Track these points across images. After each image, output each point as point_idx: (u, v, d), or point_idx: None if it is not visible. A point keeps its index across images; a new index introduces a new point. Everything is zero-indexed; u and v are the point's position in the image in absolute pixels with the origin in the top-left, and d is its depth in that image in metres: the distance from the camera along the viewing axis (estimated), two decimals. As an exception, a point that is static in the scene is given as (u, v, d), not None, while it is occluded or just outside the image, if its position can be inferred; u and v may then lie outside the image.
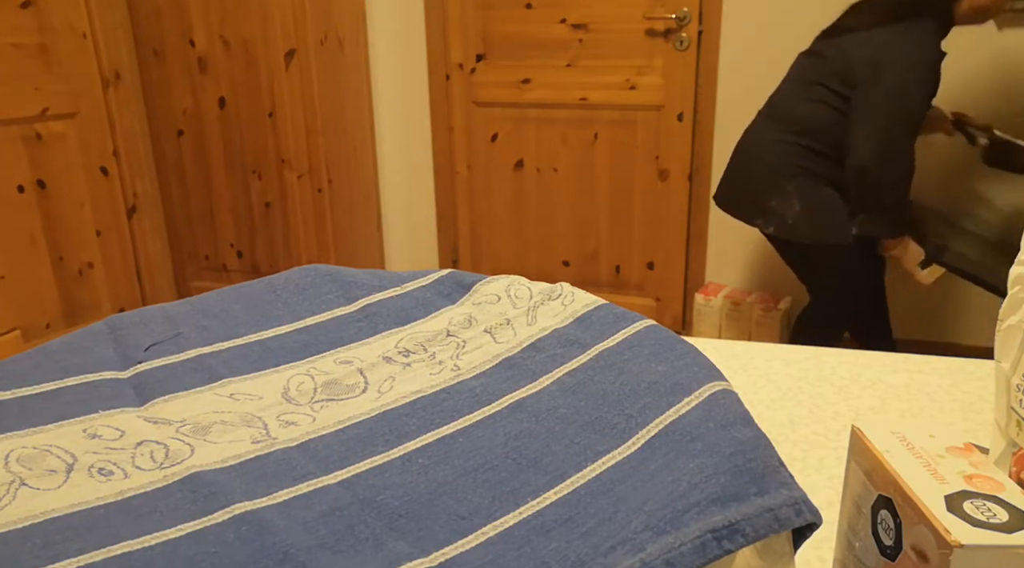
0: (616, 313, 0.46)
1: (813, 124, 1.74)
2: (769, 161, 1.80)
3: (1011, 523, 0.28)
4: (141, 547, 0.29)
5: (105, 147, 2.51)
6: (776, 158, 1.79)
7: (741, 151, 1.89)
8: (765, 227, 1.83)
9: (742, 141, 1.90)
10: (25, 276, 2.29)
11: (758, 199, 1.83)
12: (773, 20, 2.30)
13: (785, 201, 1.78)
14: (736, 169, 1.90)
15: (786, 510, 0.29)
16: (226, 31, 2.50)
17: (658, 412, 0.36)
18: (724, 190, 1.93)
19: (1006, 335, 0.40)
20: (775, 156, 1.79)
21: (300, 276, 0.54)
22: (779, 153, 1.79)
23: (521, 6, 2.55)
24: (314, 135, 2.54)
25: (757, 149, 1.84)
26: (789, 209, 1.78)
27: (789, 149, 1.77)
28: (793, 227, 1.78)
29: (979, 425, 0.57)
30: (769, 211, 1.81)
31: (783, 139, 1.78)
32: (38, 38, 2.26)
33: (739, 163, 1.90)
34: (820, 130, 1.73)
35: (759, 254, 2.52)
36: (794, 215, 1.78)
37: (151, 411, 0.39)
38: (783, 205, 1.78)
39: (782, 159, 1.78)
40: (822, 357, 0.69)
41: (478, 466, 0.34)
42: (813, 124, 1.74)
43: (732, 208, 1.91)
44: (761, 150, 1.83)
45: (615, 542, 0.28)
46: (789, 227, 1.79)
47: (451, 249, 2.92)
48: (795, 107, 1.77)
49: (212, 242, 2.79)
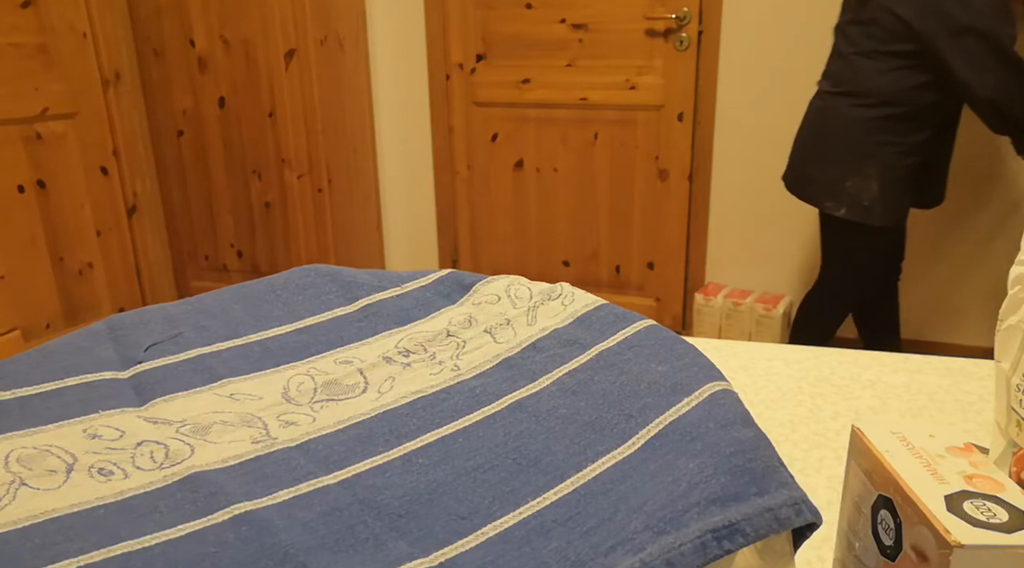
0: (616, 313, 0.46)
1: (894, 94, 1.66)
2: (847, 140, 1.73)
3: (1011, 523, 0.28)
4: (141, 547, 0.29)
5: (105, 147, 2.51)
6: (856, 136, 1.71)
7: (811, 129, 1.81)
8: (835, 209, 1.76)
9: (812, 119, 1.82)
10: (25, 276, 2.29)
11: (832, 180, 1.75)
12: (773, 20, 2.30)
13: (863, 182, 1.71)
14: (807, 148, 1.82)
15: (786, 510, 0.29)
16: (226, 31, 2.50)
17: (658, 412, 0.36)
18: (793, 170, 1.86)
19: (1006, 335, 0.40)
20: (854, 134, 1.72)
21: (300, 276, 0.54)
22: (859, 130, 1.71)
23: (521, 6, 2.55)
24: (314, 135, 2.55)
25: (832, 126, 1.76)
26: (866, 191, 1.71)
27: (869, 125, 1.69)
28: (869, 209, 1.72)
29: (979, 425, 0.57)
30: (843, 193, 1.73)
31: (862, 115, 1.70)
32: (38, 38, 2.26)
33: (810, 142, 1.81)
34: (904, 98, 1.66)
35: (759, 254, 2.52)
36: (871, 197, 1.71)
37: (151, 411, 0.39)
38: (860, 186, 1.71)
39: (864, 137, 1.70)
40: (822, 357, 0.69)
41: (478, 466, 0.34)
42: (894, 94, 1.66)
43: (800, 190, 1.84)
44: (836, 127, 1.75)
45: (615, 542, 0.28)
46: (864, 209, 1.72)
47: (451, 249, 2.92)
48: (871, 79, 1.68)
49: (212, 242, 2.79)
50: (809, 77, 2.30)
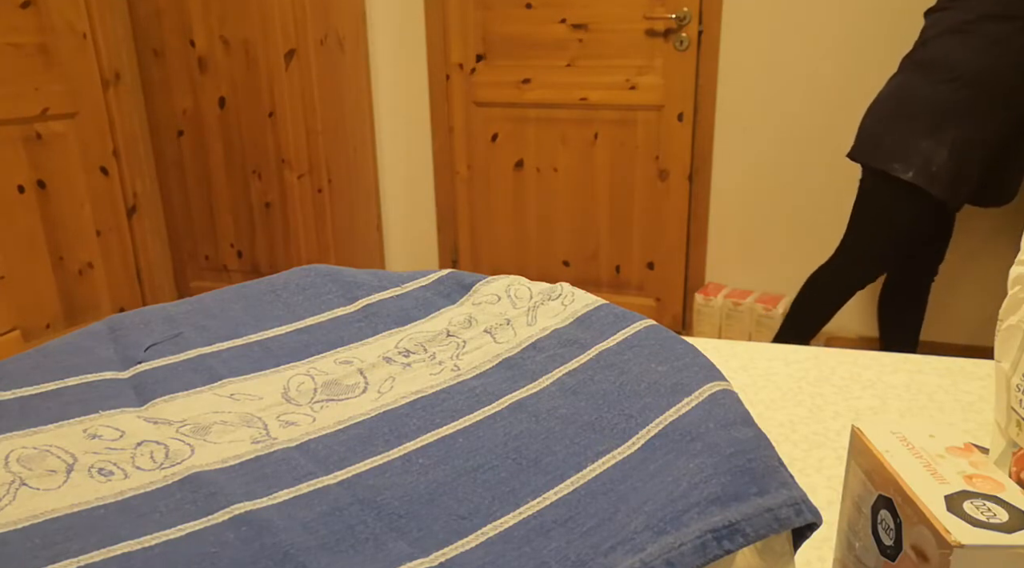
0: (616, 313, 0.46)
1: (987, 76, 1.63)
2: (927, 107, 1.69)
3: (1011, 523, 0.28)
4: (141, 547, 0.29)
5: (105, 147, 2.51)
6: (936, 105, 1.67)
7: (889, 97, 1.77)
8: (903, 171, 1.70)
9: (892, 90, 1.78)
10: (25, 276, 2.29)
11: (905, 142, 1.70)
12: (773, 20, 2.30)
13: (938, 146, 1.66)
14: (882, 113, 1.77)
15: (786, 510, 0.29)
16: (226, 31, 2.50)
17: (658, 412, 0.36)
18: (861, 135, 1.81)
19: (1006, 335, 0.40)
20: (934, 104, 1.68)
21: (300, 276, 0.54)
22: (940, 101, 1.67)
23: (521, 6, 2.55)
24: (314, 135, 2.54)
25: (912, 95, 1.72)
26: (938, 156, 1.66)
27: (951, 97, 1.66)
28: (936, 176, 1.66)
29: (979, 425, 0.57)
30: (915, 153, 1.68)
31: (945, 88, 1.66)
32: (38, 38, 2.26)
33: (886, 109, 1.77)
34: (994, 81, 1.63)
35: (759, 254, 2.52)
36: (940, 164, 1.66)
37: (151, 411, 0.39)
38: (934, 150, 1.66)
39: (949, 107, 1.66)
40: (822, 357, 0.69)
41: (478, 466, 0.34)
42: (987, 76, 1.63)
43: (868, 152, 1.78)
44: (916, 97, 1.71)
45: (615, 542, 0.28)
46: (931, 175, 1.67)
47: (451, 249, 2.92)
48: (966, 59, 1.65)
49: (212, 242, 2.79)
50: (809, 76, 2.30)
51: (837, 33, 2.25)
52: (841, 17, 2.23)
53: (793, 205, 2.43)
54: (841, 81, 2.28)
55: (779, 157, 2.40)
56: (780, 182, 2.42)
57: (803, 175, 2.39)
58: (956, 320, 2.36)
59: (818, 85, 2.30)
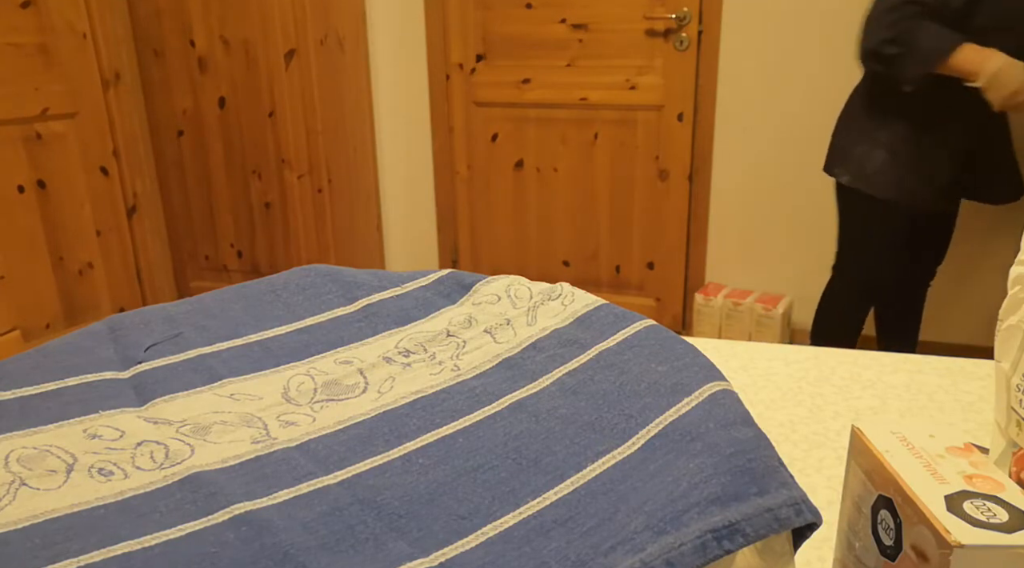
0: (616, 313, 0.46)
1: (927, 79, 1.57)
2: (864, 107, 1.66)
3: (1011, 523, 0.28)
4: (141, 547, 0.29)
5: (105, 147, 2.51)
6: (872, 104, 1.64)
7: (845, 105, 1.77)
8: (841, 175, 1.68)
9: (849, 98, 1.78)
10: (25, 276, 2.29)
11: (844, 146, 1.69)
12: (773, 20, 2.30)
13: (872, 149, 1.63)
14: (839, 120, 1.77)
15: (786, 510, 0.29)
16: (226, 31, 2.50)
17: (658, 412, 0.36)
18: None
19: (1006, 335, 0.40)
20: (871, 102, 1.64)
21: (300, 276, 0.54)
22: (875, 99, 1.63)
23: (521, 6, 2.55)
24: (314, 135, 2.54)
25: (855, 96, 1.71)
26: (871, 160, 1.62)
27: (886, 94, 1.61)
28: (870, 178, 1.63)
29: (979, 425, 0.57)
30: (850, 159, 1.66)
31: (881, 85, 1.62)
32: (38, 38, 2.26)
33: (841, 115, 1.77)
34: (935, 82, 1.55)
35: (759, 254, 2.52)
36: (875, 166, 1.62)
37: (151, 411, 0.39)
38: (869, 152, 1.63)
39: (880, 105, 1.62)
40: (822, 357, 0.69)
41: (478, 466, 0.34)
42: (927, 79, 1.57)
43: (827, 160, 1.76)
44: (856, 96, 1.70)
45: (615, 542, 0.28)
46: (867, 177, 1.63)
47: (451, 249, 2.92)
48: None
49: (212, 242, 2.79)
50: (809, 76, 2.30)
51: (837, 33, 2.25)
52: (841, 17, 2.23)
53: (793, 205, 2.43)
54: (841, 81, 2.27)
55: (779, 157, 2.40)
56: (780, 182, 2.42)
57: (803, 175, 2.39)
58: (956, 320, 2.36)
59: (818, 85, 2.30)
